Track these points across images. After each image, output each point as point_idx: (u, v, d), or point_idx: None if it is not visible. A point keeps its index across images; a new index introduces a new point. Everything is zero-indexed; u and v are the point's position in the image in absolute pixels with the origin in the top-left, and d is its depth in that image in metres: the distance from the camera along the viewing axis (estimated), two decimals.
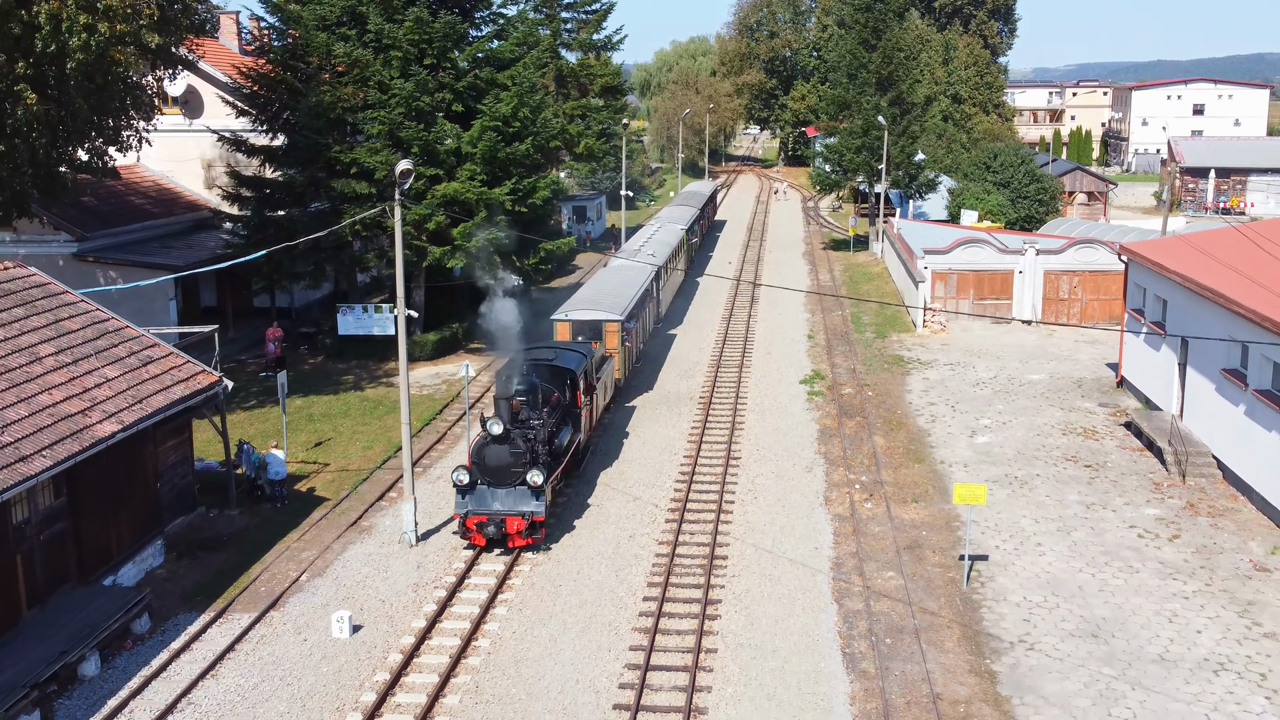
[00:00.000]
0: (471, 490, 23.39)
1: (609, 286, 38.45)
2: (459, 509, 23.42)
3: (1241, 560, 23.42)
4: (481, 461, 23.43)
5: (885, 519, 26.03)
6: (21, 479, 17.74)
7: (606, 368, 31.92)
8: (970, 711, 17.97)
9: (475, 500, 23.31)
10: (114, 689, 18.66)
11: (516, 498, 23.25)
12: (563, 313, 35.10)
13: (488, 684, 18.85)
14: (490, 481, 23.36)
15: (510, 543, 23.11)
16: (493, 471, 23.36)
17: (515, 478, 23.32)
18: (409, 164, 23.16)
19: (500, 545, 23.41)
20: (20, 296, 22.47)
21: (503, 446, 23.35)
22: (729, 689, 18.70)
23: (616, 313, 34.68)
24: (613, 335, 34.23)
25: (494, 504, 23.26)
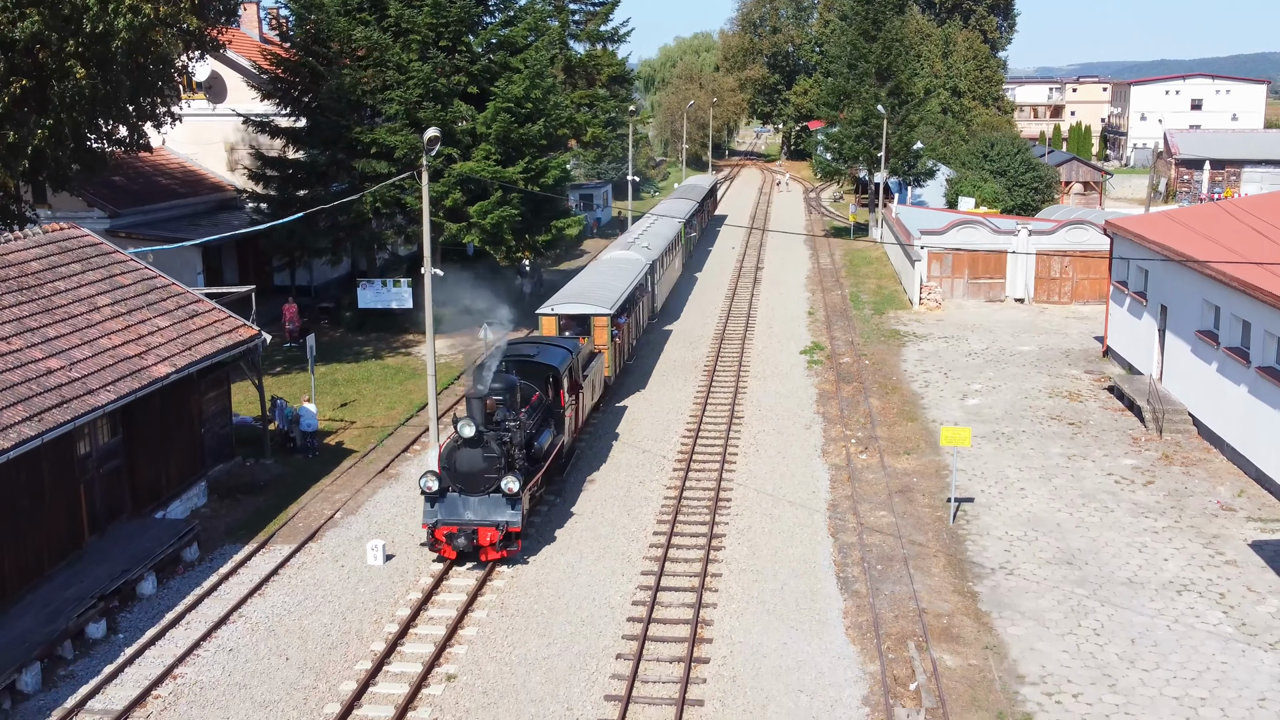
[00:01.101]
0: (441, 498, 21.44)
1: (599, 279, 36.57)
2: (427, 519, 21.36)
3: (1209, 502, 25.16)
4: (452, 466, 21.48)
5: (879, 468, 27.78)
6: (90, 409, 19.52)
7: (595, 365, 29.91)
8: (952, 623, 19.71)
9: (445, 509, 21.37)
10: (170, 605, 20.42)
11: (490, 506, 21.32)
12: (549, 306, 32.86)
13: (512, 602, 20.60)
14: (462, 488, 21.46)
15: (483, 555, 21.23)
16: (464, 478, 21.44)
17: (489, 484, 21.39)
18: (436, 131, 24.83)
19: (472, 558, 21.58)
20: (76, 254, 24.26)
21: (475, 450, 21.39)
22: (732, 605, 20.46)
23: (606, 306, 32.45)
24: (602, 330, 32.17)
25: (465, 513, 21.32)
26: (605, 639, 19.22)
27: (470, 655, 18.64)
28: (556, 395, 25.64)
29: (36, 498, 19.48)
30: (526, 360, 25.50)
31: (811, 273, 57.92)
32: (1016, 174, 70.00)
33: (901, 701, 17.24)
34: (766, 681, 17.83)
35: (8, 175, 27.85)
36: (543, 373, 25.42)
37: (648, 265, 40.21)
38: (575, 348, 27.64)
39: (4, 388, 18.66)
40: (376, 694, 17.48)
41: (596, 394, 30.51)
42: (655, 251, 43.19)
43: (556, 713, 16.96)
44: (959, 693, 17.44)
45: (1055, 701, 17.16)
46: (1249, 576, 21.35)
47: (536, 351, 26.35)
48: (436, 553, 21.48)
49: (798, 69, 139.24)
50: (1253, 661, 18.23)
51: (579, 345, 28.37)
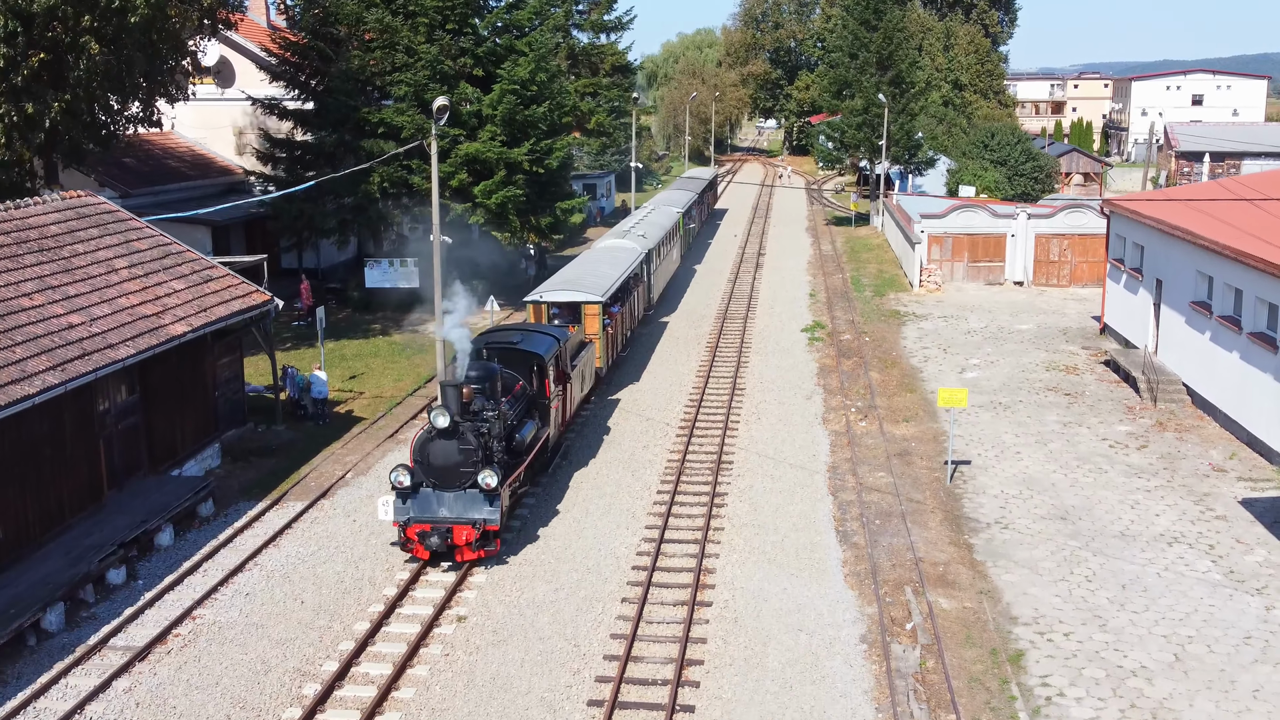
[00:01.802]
0: (414, 494, 20.02)
1: (592, 267, 35.28)
2: (398, 516, 19.93)
3: (1201, 464, 25.70)
4: (425, 459, 20.03)
5: (878, 434, 28.33)
6: (110, 362, 20.10)
7: (585, 355, 28.35)
8: (948, 571, 20.27)
9: (418, 506, 19.98)
10: (187, 555, 21.00)
11: (466, 503, 19.88)
12: (537, 294, 31.61)
13: (520, 553, 21.16)
14: (436, 483, 20.05)
15: (458, 555, 19.90)
16: (438, 471, 20.00)
17: (465, 479, 19.92)
18: (445, 100, 25.39)
19: (447, 559, 20.19)
20: (94, 220, 24.84)
21: (450, 442, 19.93)
22: (734, 556, 21.02)
23: (598, 294, 30.97)
24: (593, 319, 30.66)
25: (440, 510, 19.90)
26: (610, 585, 19.80)
27: (480, 599, 19.21)
28: (541, 385, 23.95)
29: (59, 448, 20.06)
30: (509, 347, 23.99)
31: (813, 258, 58.48)
32: (1016, 163, 70.54)
33: (898, 639, 17.80)
34: (767, 622, 18.39)
35: (25, 148, 28.42)
36: (526, 361, 23.86)
37: (643, 254, 38.94)
38: (563, 336, 26.06)
39: (28, 339, 19.23)
40: (390, 633, 18.04)
41: (587, 386, 28.88)
42: (651, 241, 41.90)
43: (564, 649, 17.52)
44: (954, 632, 17.99)
45: (1047, 639, 17.71)
46: (1238, 530, 21.89)
47: (520, 338, 24.80)
48: (409, 552, 20.09)
49: (800, 64, 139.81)
50: (1239, 604, 18.77)
51: (567, 334, 26.76)
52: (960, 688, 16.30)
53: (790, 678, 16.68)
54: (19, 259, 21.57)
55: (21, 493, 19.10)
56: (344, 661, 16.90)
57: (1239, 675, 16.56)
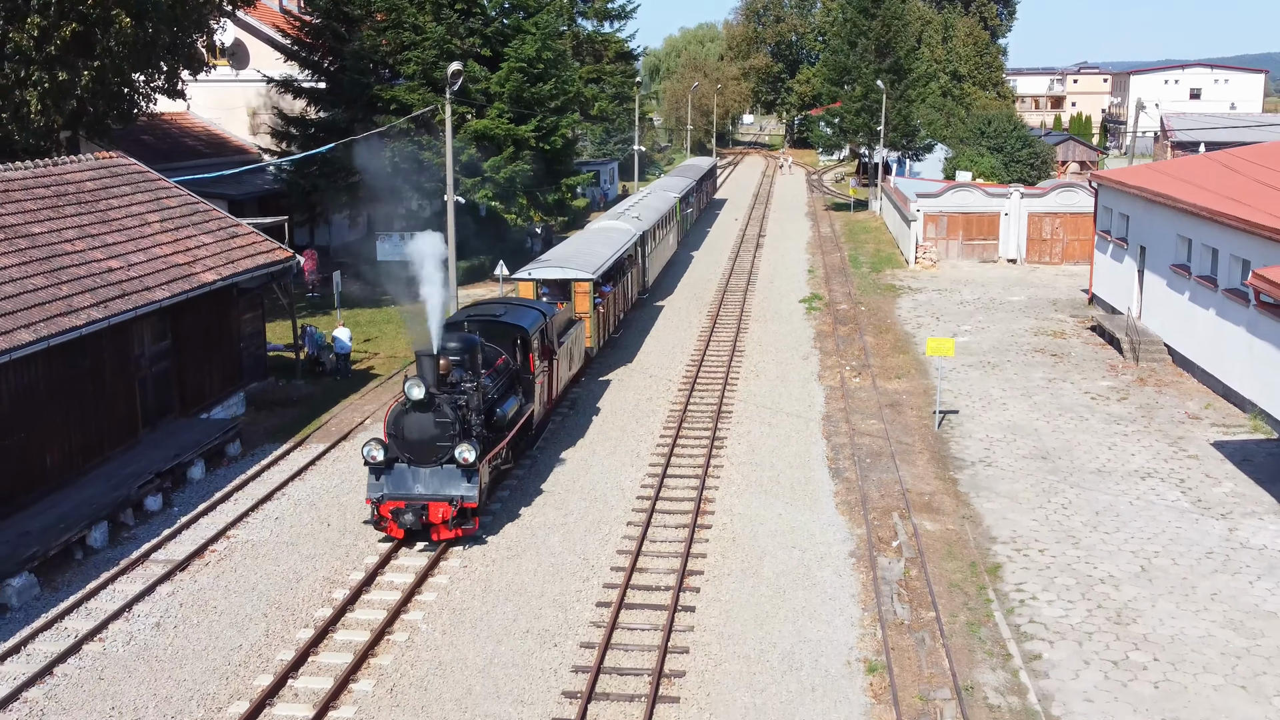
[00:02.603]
0: (388, 470, 19.13)
1: (584, 246, 34.54)
2: (371, 493, 19.05)
3: (1178, 412, 27.02)
4: (399, 433, 19.12)
5: (871, 389, 29.65)
6: (148, 303, 21.45)
7: (574, 333, 27.44)
8: (933, 500, 21.60)
9: (392, 482, 19.08)
10: (218, 487, 22.33)
11: (443, 479, 18.98)
12: (525, 271, 30.80)
13: (531, 484, 22.51)
14: (411, 458, 19.13)
15: (434, 534, 18.98)
16: (413, 446, 19.09)
17: (441, 454, 19.03)
18: (459, 65, 26.69)
19: (423, 538, 19.25)
20: (126, 178, 26.19)
21: (425, 415, 18.98)
22: (732, 488, 22.36)
23: (588, 271, 30.23)
24: (583, 296, 29.89)
25: (415, 486, 19.03)
26: (617, 511, 21.14)
27: (495, 523, 20.54)
28: (525, 360, 23.06)
29: (99, 384, 21.41)
30: (491, 320, 23.08)
31: (812, 240, 59.80)
32: (1013, 150, 71.78)
33: (884, 554, 19.12)
34: (763, 540, 19.72)
35: (57, 114, 29.72)
36: (509, 334, 22.96)
37: (637, 235, 38.04)
38: (550, 311, 25.21)
39: (73, 280, 20.59)
40: (411, 550, 19.36)
41: (575, 365, 28.03)
42: (646, 223, 40.97)
43: (574, 563, 18.86)
44: (936, 548, 19.31)
45: (1023, 555, 19.03)
46: (1208, 467, 23.20)
47: (503, 311, 23.90)
48: (382, 531, 19.20)
49: (801, 58, 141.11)
50: (1204, 527, 20.09)
51: (555, 309, 25.91)
52: (940, 592, 17.62)
53: (783, 585, 18.01)
54: (60, 210, 22.92)
55: (67, 423, 20.43)
56: (369, 572, 18.21)
57: (1199, 582, 17.87)
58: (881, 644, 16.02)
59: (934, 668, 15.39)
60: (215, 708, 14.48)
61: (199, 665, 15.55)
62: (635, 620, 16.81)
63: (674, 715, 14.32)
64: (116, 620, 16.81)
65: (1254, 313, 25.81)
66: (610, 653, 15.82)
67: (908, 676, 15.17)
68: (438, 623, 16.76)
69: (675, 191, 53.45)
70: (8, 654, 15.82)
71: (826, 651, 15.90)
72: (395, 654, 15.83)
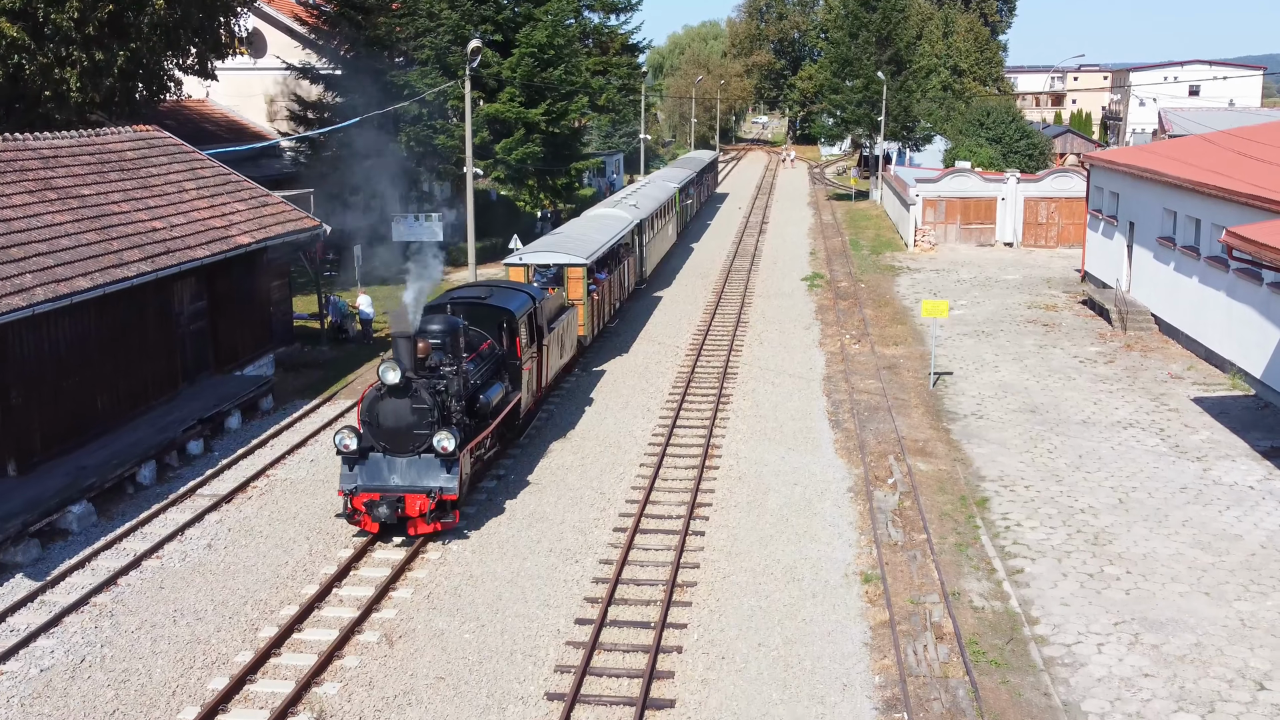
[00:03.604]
0: (362, 460, 18.02)
1: (578, 232, 33.41)
2: (344, 484, 17.93)
3: (1161, 373, 28.41)
4: (374, 420, 18.02)
5: (870, 354, 31.05)
6: (191, 259, 22.87)
7: (566, 320, 26.08)
8: (927, 446, 22.99)
9: (366, 473, 17.98)
10: (254, 435, 23.75)
11: (420, 469, 17.89)
12: (516, 256, 29.73)
13: (547, 431, 23.92)
14: (386, 447, 18.04)
15: (411, 529, 17.82)
16: (389, 434, 17.97)
17: (419, 442, 17.92)
18: (479, 42, 28.08)
19: (399, 532, 18.09)
20: (162, 149, 27.62)
21: (402, 401, 17.87)
22: (738, 436, 23.77)
23: (582, 256, 29.03)
24: (577, 282, 28.68)
25: (391, 477, 17.92)
26: (630, 455, 22.56)
27: (515, 465, 21.95)
28: (512, 345, 21.96)
29: (143, 337, 22.81)
30: (476, 303, 22.00)
31: (814, 226, 61.24)
32: (1011, 141, 73.07)
33: (880, 489, 20.53)
34: (767, 479, 21.13)
35: (94, 93, 31.13)
36: (495, 317, 21.87)
37: (634, 223, 36.95)
38: (539, 295, 24.07)
39: (121, 237, 22.00)
40: None
41: (568, 354, 26.75)
42: (644, 211, 39.81)
43: (591, 497, 20.27)
44: (929, 484, 20.70)
45: (1009, 490, 20.42)
46: (1187, 418, 24.59)
47: (489, 293, 22.82)
48: (355, 525, 18.04)
49: (803, 55, 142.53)
50: (1179, 467, 21.48)
51: (545, 294, 24.90)
52: (932, 519, 19.01)
53: (786, 514, 19.42)
54: (105, 175, 24.35)
55: (115, 370, 21.85)
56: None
57: (1172, 512, 19.26)
58: (876, 560, 17.42)
59: (924, 578, 16.78)
60: (268, 610, 15.89)
61: (250, 577, 16.95)
62: (650, 543, 18.20)
63: (687, 616, 15.71)
64: (171, 542, 18.22)
65: (1232, 277, 27.19)
66: (627, 567, 17.21)
67: (900, 585, 16.57)
68: (466, 545, 18.16)
69: (675, 182, 52.80)
70: (74, 568, 17.23)
71: (825, 566, 17.30)
72: (430, 569, 17.22)
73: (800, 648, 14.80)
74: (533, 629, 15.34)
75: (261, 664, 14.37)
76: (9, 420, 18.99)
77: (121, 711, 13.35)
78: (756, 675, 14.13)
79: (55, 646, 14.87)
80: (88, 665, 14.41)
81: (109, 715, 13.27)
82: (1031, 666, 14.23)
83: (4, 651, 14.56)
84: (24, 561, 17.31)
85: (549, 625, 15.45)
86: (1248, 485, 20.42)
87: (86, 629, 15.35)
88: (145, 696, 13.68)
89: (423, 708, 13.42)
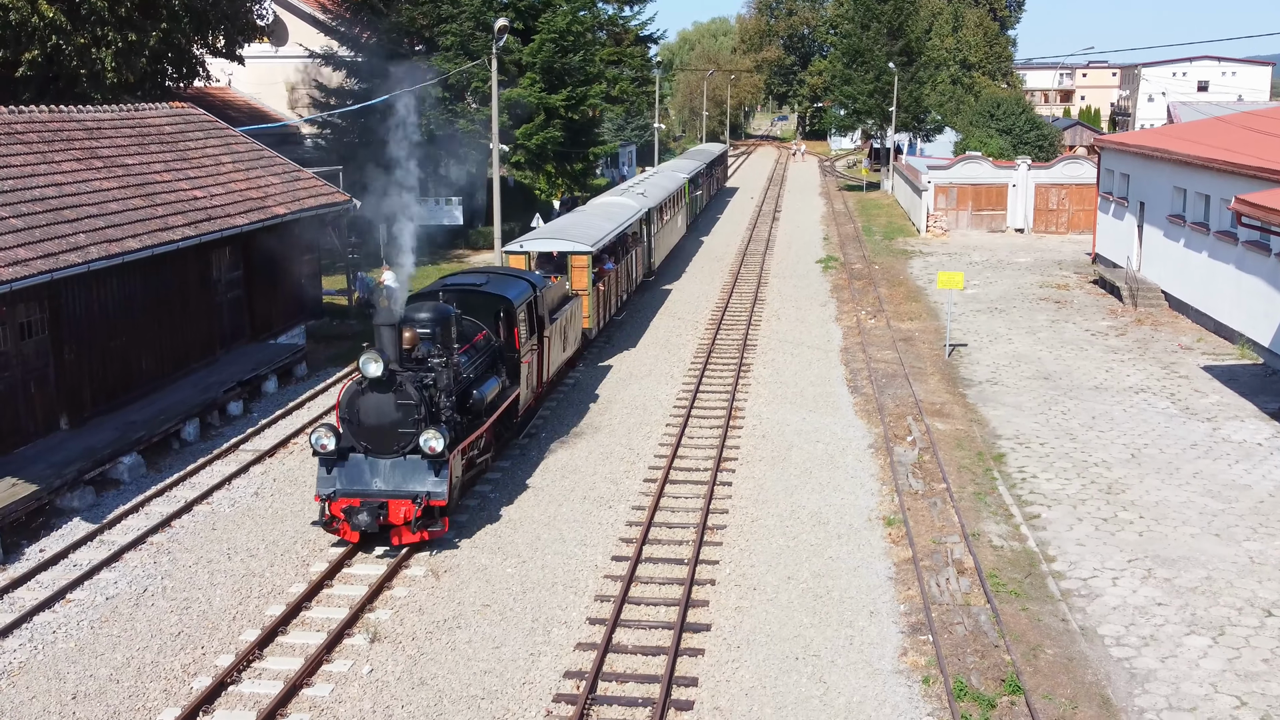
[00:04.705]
0: (341, 461, 16.34)
1: (584, 219, 31.80)
2: (321, 488, 16.25)
3: (1171, 345, 29.06)
4: (354, 417, 16.35)
5: (885, 328, 31.74)
6: (231, 226, 23.64)
7: (569, 311, 24.60)
8: (944, 408, 23.68)
9: (346, 475, 16.31)
10: (291, 398, 24.51)
11: (405, 472, 16.24)
12: (517, 243, 28.07)
13: (573, 396, 24.64)
14: (368, 448, 16.38)
15: (395, 538, 16.13)
16: (370, 433, 16.31)
17: (404, 442, 16.26)
18: (505, 20, 28.79)
19: (382, 541, 16.38)
20: (198, 125, 28.40)
21: (386, 395, 16.19)
22: (760, 400, 24.47)
23: (587, 244, 27.34)
24: (581, 271, 27.06)
25: (373, 481, 16.27)
26: (656, 416, 23.29)
27: (545, 421, 22.68)
28: (510, 336, 20.19)
29: (184, 302, 23.59)
30: (471, 290, 20.28)
31: (826, 214, 61.92)
32: (1021, 132, 73.73)
33: (900, 445, 21.22)
34: (789, 436, 21.84)
35: (129, 73, 31.91)
36: (491, 305, 20.12)
37: (642, 212, 35.24)
38: (540, 283, 22.43)
39: (165, 204, 22.77)
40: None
41: (571, 347, 25.15)
42: (652, 200, 38.04)
43: (621, 451, 20.98)
44: (947, 442, 21.39)
45: (1025, 447, 21.10)
46: (1197, 384, 25.25)
47: (485, 280, 21.06)
48: (333, 533, 16.36)
49: (813, 50, 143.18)
50: (1190, 426, 22.14)
51: (547, 282, 23.30)
52: (950, 471, 19.70)
53: (809, 467, 20.13)
54: (146, 147, 25.13)
55: (159, 332, 22.62)
56: None
57: (1183, 465, 19.93)
58: (898, 506, 18.12)
59: (944, 522, 17.48)
60: (318, 549, 16.62)
61: (298, 521, 17.69)
62: (680, 491, 18.92)
63: (718, 554, 16.43)
64: (219, 490, 18.98)
65: (1241, 250, 27.83)
66: (659, 513, 17.93)
67: (922, 528, 17.27)
68: (503, 491, 18.90)
69: (684, 173, 50.73)
70: (128, 513, 17.99)
71: (849, 512, 18.01)
72: (469, 515, 17.94)
73: (828, 580, 15.51)
74: (571, 565, 16.06)
75: (315, 594, 15.11)
76: (63, 375, 19.77)
77: (186, 634, 14.09)
78: (787, 604, 14.84)
79: (118, 579, 15.63)
80: (150, 595, 15.16)
81: (174, 636, 14.02)
82: (1049, 597, 14.92)
83: (70, 583, 15.31)
84: (80, 507, 18.07)
85: (587, 561, 16.18)
86: (1256, 442, 21.08)
87: (146, 564, 16.11)
88: (208, 621, 14.43)
89: (471, 630, 14.15)
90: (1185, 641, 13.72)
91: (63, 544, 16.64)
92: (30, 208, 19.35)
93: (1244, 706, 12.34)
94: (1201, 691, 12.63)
